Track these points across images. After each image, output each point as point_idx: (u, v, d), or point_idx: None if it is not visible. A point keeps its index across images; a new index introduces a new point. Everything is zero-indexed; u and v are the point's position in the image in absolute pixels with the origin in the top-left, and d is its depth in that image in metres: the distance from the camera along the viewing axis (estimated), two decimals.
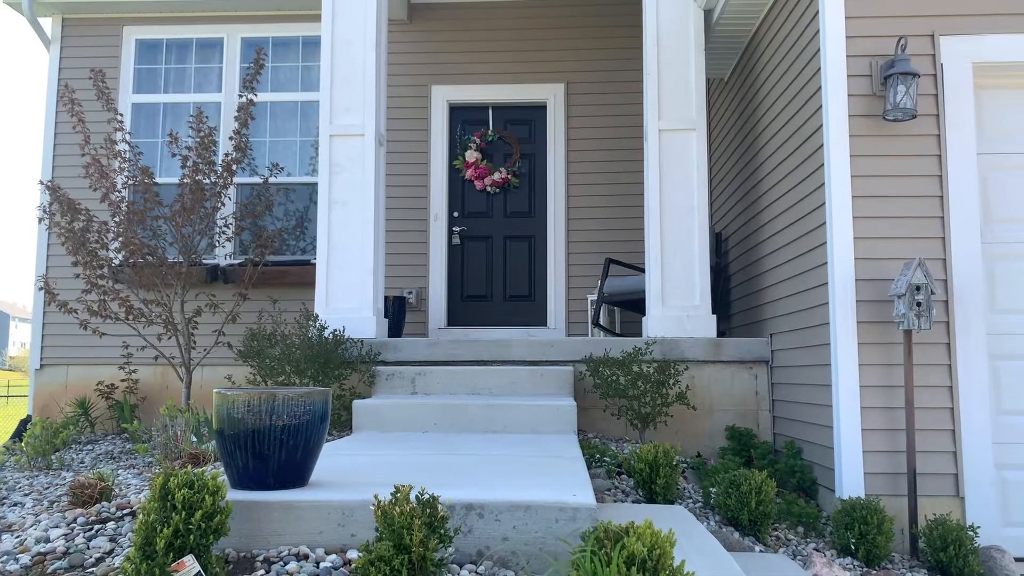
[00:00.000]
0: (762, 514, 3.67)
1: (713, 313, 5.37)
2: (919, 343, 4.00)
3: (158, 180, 6.91)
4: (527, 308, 7.41)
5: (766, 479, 3.72)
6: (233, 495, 2.45)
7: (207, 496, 2.09)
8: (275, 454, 2.52)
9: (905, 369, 3.92)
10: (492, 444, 3.85)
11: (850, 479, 3.94)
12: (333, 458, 3.37)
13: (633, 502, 3.75)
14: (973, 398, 3.96)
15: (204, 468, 3.75)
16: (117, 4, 7.43)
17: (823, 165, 4.24)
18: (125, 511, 3.07)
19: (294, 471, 2.58)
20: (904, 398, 3.94)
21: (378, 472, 2.99)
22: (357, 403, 4.49)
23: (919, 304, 3.82)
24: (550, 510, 2.35)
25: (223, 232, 6.43)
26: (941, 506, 3.93)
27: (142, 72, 7.62)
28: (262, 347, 4.89)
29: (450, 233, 7.47)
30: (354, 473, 2.96)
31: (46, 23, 7.56)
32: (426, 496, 2.11)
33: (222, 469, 3.25)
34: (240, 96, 6.17)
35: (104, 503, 3.21)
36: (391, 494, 2.09)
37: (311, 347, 4.82)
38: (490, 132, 7.54)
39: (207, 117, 6.27)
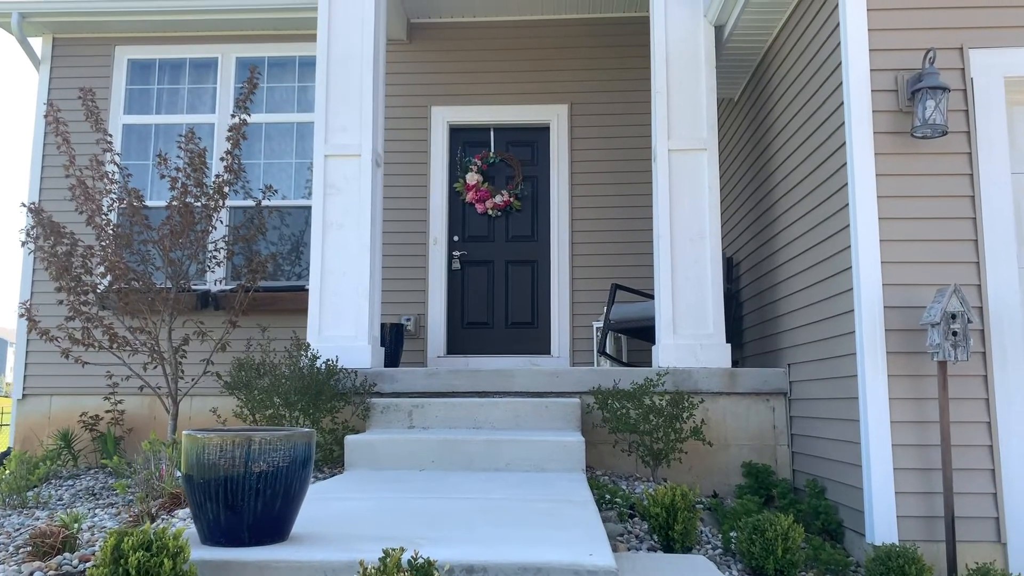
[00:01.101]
0: (789, 562, 3.36)
1: (727, 342, 5.08)
2: (954, 375, 3.71)
3: (150, 203, 6.68)
4: (530, 336, 7.13)
5: (793, 524, 3.42)
6: (201, 553, 2.16)
7: (166, 560, 1.80)
8: (250, 505, 2.23)
9: (940, 403, 3.63)
10: (494, 485, 3.55)
11: (882, 523, 3.63)
12: (320, 503, 3.07)
13: (649, 549, 3.44)
14: (1014, 435, 3.67)
15: (174, 516, 3.46)
16: (109, 23, 7.25)
17: (846, 185, 3.99)
18: (88, 564, 2.78)
19: (272, 524, 2.29)
20: (939, 435, 3.65)
21: (368, 522, 2.70)
22: (350, 439, 4.19)
23: (955, 333, 3.55)
24: (564, 574, 2.06)
25: (213, 257, 6.17)
26: (982, 553, 3.62)
27: (134, 93, 7.41)
28: (250, 378, 4.61)
29: (450, 258, 7.21)
30: (342, 522, 2.67)
31: (36, 43, 7.36)
32: (420, 560, 1.82)
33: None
34: (233, 116, 5.95)
35: (67, 554, 2.91)
36: (380, 559, 1.80)
37: (302, 378, 4.54)
38: (492, 154, 7.31)
39: (199, 138, 6.05)
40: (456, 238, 7.25)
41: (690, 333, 5.05)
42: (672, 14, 5.38)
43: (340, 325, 5.21)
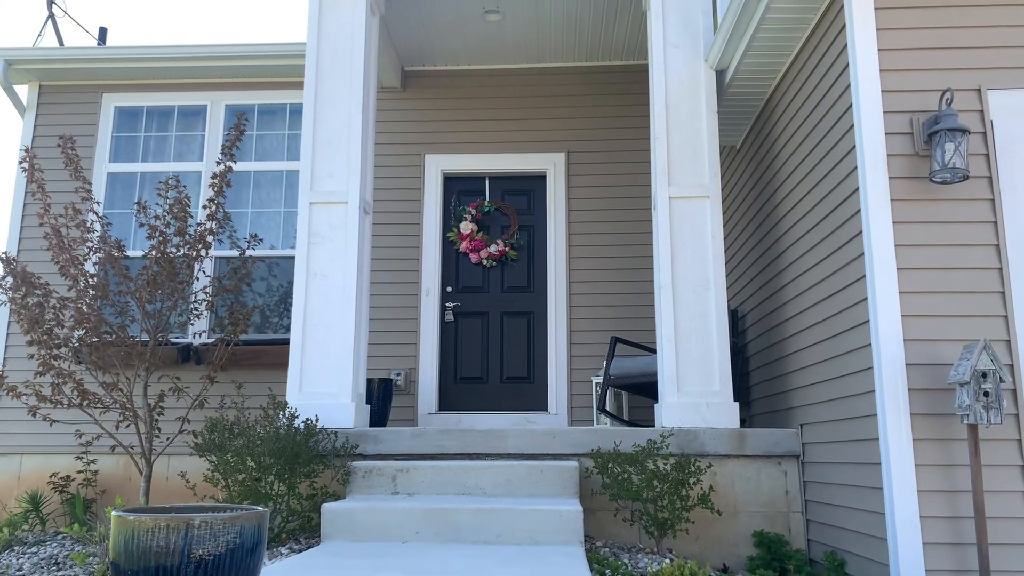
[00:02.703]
0: None
1: (735, 400, 4.76)
2: (986, 439, 3.39)
3: (131, 253, 6.44)
4: (526, 391, 6.80)
5: None
6: None
7: None
8: None
9: (972, 471, 3.30)
10: (483, 563, 3.21)
11: None
12: None
13: None
14: None
15: None
16: (96, 71, 7.11)
17: (860, 234, 3.73)
18: None
19: None
20: (972, 506, 3.32)
21: None
22: (327, 507, 3.85)
23: (987, 394, 3.24)
24: None
25: (194, 309, 5.89)
26: None
27: (120, 140, 7.23)
28: (222, 440, 4.28)
29: (443, 309, 6.92)
30: None
31: (22, 90, 7.21)
32: None
33: None
34: (218, 163, 5.74)
35: None
36: None
37: (277, 440, 4.21)
38: (487, 203, 7.09)
39: (184, 186, 5.83)
40: (449, 289, 6.98)
41: (695, 391, 4.74)
42: (672, 58, 5.21)
43: (322, 381, 4.90)
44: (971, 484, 3.32)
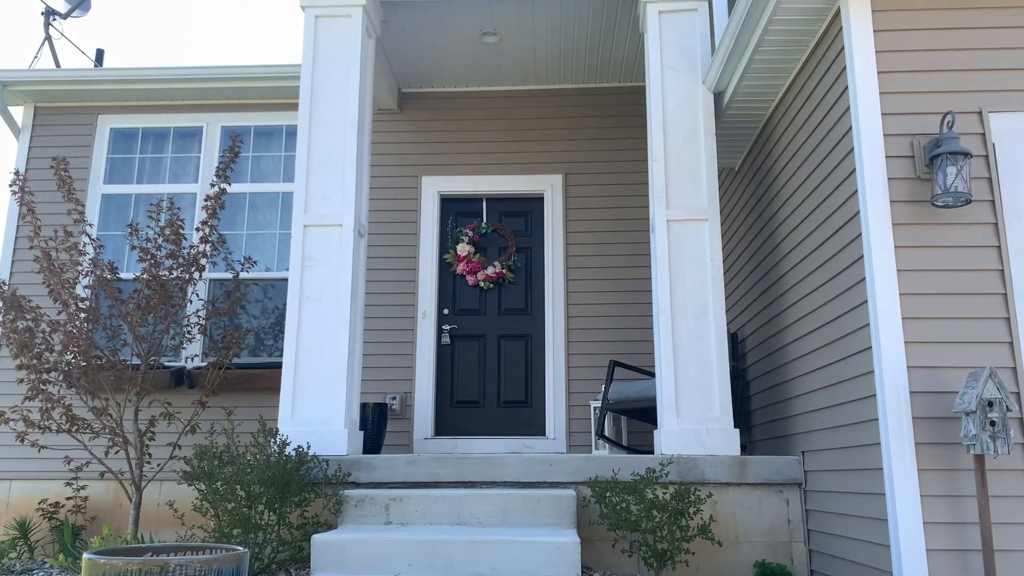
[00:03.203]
0: None
1: (735, 427, 4.67)
2: (993, 470, 3.31)
3: (125, 275, 6.37)
4: (523, 415, 6.71)
5: None
6: None
7: None
8: None
9: (979, 502, 3.21)
10: None
11: None
12: None
13: None
14: None
15: None
16: (93, 93, 7.08)
17: (861, 258, 3.66)
18: None
19: None
20: (980, 539, 3.22)
21: None
22: (317, 539, 3.75)
23: (993, 423, 3.16)
24: None
25: (187, 333, 5.81)
26: None
27: (116, 162, 7.19)
28: (211, 468, 4.18)
29: (439, 332, 6.85)
30: None
31: (16, 111, 7.18)
32: None
33: None
34: (212, 185, 5.69)
35: None
36: None
37: (268, 468, 4.12)
38: (484, 224, 7.04)
39: (179, 208, 5.78)
40: (446, 311, 6.91)
41: (695, 417, 4.65)
42: (669, 80, 5.17)
43: (315, 408, 4.81)
44: (979, 516, 3.23)
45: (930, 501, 3.32)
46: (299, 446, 4.40)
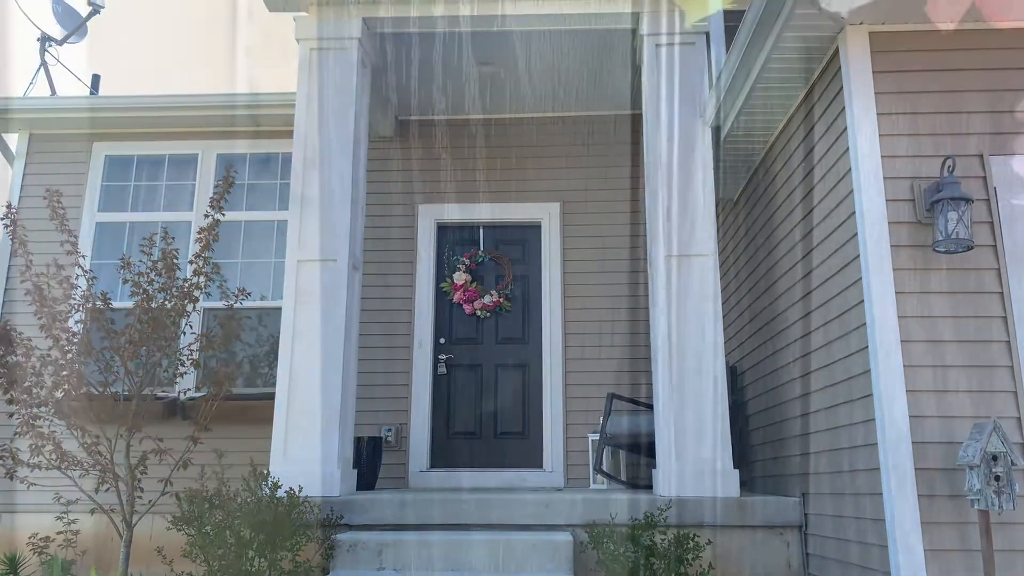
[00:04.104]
0: None
1: (735, 468, 4.59)
2: (998, 523, 3.23)
3: (119, 304, 6.29)
4: (520, 447, 6.62)
5: None
6: None
7: None
8: None
9: (984, 557, 3.14)
10: None
11: None
12: None
13: None
14: None
15: None
16: (88, 120, 7.04)
17: (861, 302, 3.61)
18: None
19: None
20: None
21: None
22: None
23: (998, 478, 3.09)
24: None
25: (179, 365, 5.74)
26: None
27: (111, 189, 7.14)
28: (201, 511, 4.11)
29: (435, 361, 6.77)
30: None
31: (11, 139, 7.14)
32: None
33: None
34: (206, 216, 5.63)
35: None
36: None
37: (258, 512, 4.04)
38: (481, 253, 6.98)
39: (173, 238, 5.71)
40: (442, 340, 6.84)
41: (694, 458, 4.57)
42: (666, 113, 5.12)
43: (308, 447, 4.74)
44: (983, 570, 3.15)
45: (935, 556, 3.25)
46: (290, 488, 4.32)
